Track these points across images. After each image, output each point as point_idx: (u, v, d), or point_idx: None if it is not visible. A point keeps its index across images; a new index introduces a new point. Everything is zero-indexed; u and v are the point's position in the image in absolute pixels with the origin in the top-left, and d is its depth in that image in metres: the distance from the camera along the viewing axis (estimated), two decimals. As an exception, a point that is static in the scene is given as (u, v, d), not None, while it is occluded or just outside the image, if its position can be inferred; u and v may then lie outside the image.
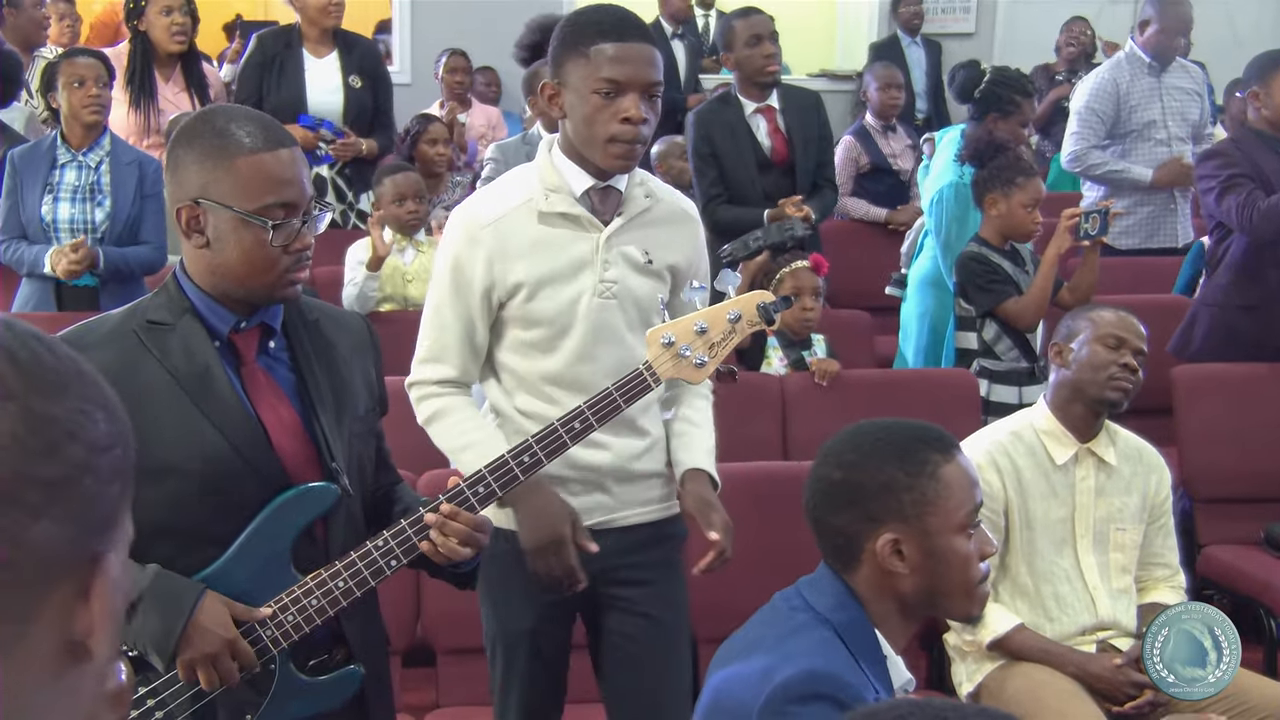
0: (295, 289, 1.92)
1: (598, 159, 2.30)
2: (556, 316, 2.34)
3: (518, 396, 2.39)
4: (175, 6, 4.89)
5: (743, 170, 4.53)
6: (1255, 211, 4.10)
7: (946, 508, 1.77)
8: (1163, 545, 3.07)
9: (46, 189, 4.22)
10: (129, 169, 4.28)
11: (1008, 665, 2.92)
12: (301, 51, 5.12)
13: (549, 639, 2.49)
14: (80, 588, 0.73)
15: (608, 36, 2.24)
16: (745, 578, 3.13)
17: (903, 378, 4.34)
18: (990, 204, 4.04)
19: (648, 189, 2.41)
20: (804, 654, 1.71)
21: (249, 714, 1.93)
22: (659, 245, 2.40)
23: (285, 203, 1.85)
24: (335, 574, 1.92)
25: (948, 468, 1.79)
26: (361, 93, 5.16)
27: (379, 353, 2.11)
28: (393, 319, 4.34)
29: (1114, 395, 2.97)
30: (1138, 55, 5.53)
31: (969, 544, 1.80)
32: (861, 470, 1.79)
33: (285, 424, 1.93)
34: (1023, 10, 8.23)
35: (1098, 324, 3.02)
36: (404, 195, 4.52)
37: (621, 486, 2.43)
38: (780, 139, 4.57)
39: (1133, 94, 5.49)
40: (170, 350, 1.88)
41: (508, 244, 2.32)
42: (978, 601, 1.85)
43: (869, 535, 1.78)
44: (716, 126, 4.56)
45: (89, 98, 4.20)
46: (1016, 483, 2.95)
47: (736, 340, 2.13)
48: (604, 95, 2.24)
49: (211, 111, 1.96)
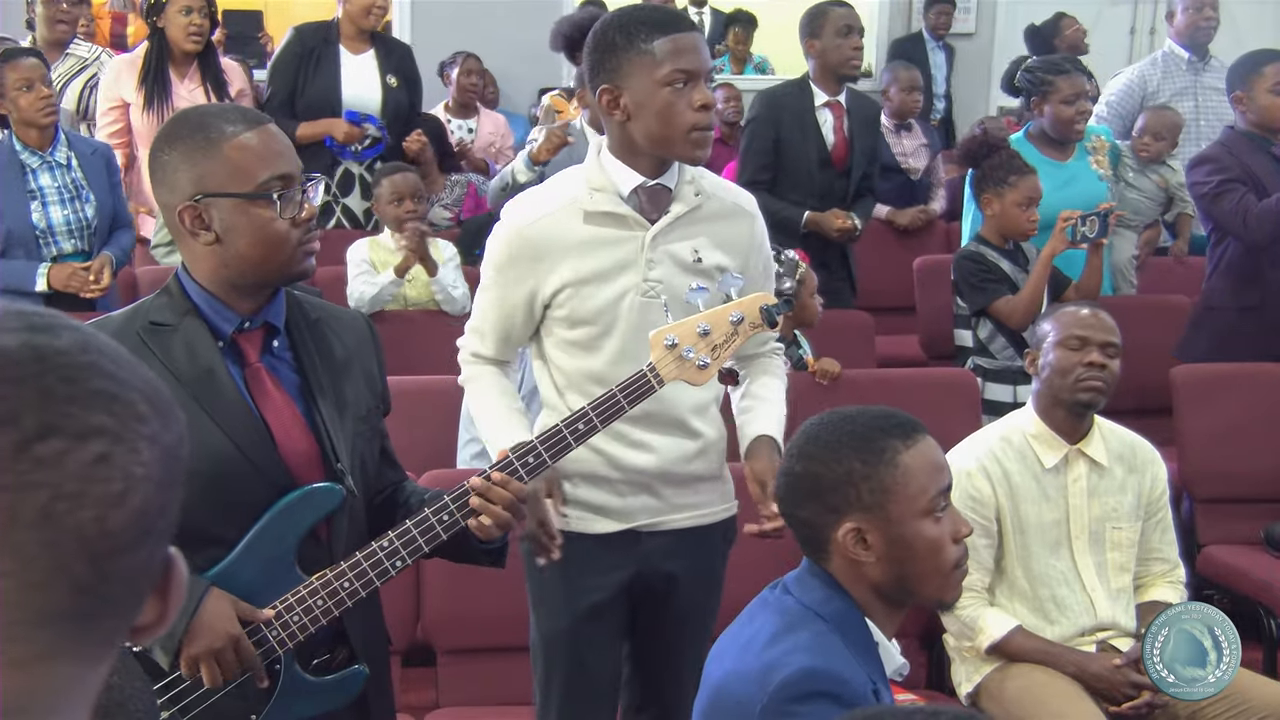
0: (311, 262, 1.92)
1: (679, 151, 2.31)
2: (599, 316, 2.34)
3: (568, 395, 2.40)
4: (195, 7, 4.88)
5: (804, 163, 4.51)
6: (1249, 216, 4.10)
7: (906, 494, 1.77)
8: (1161, 540, 3.07)
9: (30, 196, 4.11)
10: (95, 159, 4.26)
11: (1007, 665, 2.92)
12: (339, 47, 5.14)
13: (588, 645, 2.47)
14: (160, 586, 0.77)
15: (667, 30, 2.27)
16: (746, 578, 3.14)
17: (903, 378, 4.34)
18: (986, 203, 4.05)
19: (698, 186, 2.40)
20: (802, 651, 1.72)
21: (254, 715, 1.93)
22: (709, 244, 2.39)
23: (281, 175, 1.87)
24: (340, 574, 1.93)
25: (908, 454, 1.78)
26: (399, 92, 5.19)
27: (381, 351, 2.12)
28: (393, 319, 4.35)
29: (1085, 396, 2.95)
30: (1174, 52, 5.54)
31: (937, 528, 1.79)
32: (820, 462, 1.80)
33: (289, 424, 1.94)
34: (1023, 10, 8.22)
35: (1060, 327, 3.01)
36: (401, 195, 4.53)
37: (671, 489, 2.43)
38: (843, 140, 4.57)
39: (1162, 92, 5.47)
40: (173, 351, 1.88)
41: (551, 246, 2.33)
42: (953, 584, 1.84)
43: (832, 526, 1.78)
44: (787, 111, 4.52)
45: (41, 99, 4.10)
46: (1007, 488, 2.95)
47: (739, 342, 2.13)
48: (676, 87, 2.25)
49: (183, 112, 1.96)
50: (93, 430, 0.70)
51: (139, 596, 0.75)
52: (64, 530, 0.69)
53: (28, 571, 0.68)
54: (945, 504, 1.81)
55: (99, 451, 0.70)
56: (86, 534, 0.69)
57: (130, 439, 0.71)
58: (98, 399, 0.71)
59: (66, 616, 0.70)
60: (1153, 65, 5.59)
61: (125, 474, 0.71)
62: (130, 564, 0.72)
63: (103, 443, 0.70)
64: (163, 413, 0.75)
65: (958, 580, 1.84)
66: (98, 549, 0.70)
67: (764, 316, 2.14)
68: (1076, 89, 4.43)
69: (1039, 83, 4.48)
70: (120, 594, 0.73)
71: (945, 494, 1.81)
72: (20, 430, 0.68)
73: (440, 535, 1.97)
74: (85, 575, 0.70)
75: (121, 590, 0.72)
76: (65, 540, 0.69)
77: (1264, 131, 4.22)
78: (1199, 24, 5.48)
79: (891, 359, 5.02)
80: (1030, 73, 4.55)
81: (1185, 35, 5.51)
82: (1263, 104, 4.18)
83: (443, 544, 2.01)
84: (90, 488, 0.69)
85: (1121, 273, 5.04)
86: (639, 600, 2.49)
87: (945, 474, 1.82)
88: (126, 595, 0.73)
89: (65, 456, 0.69)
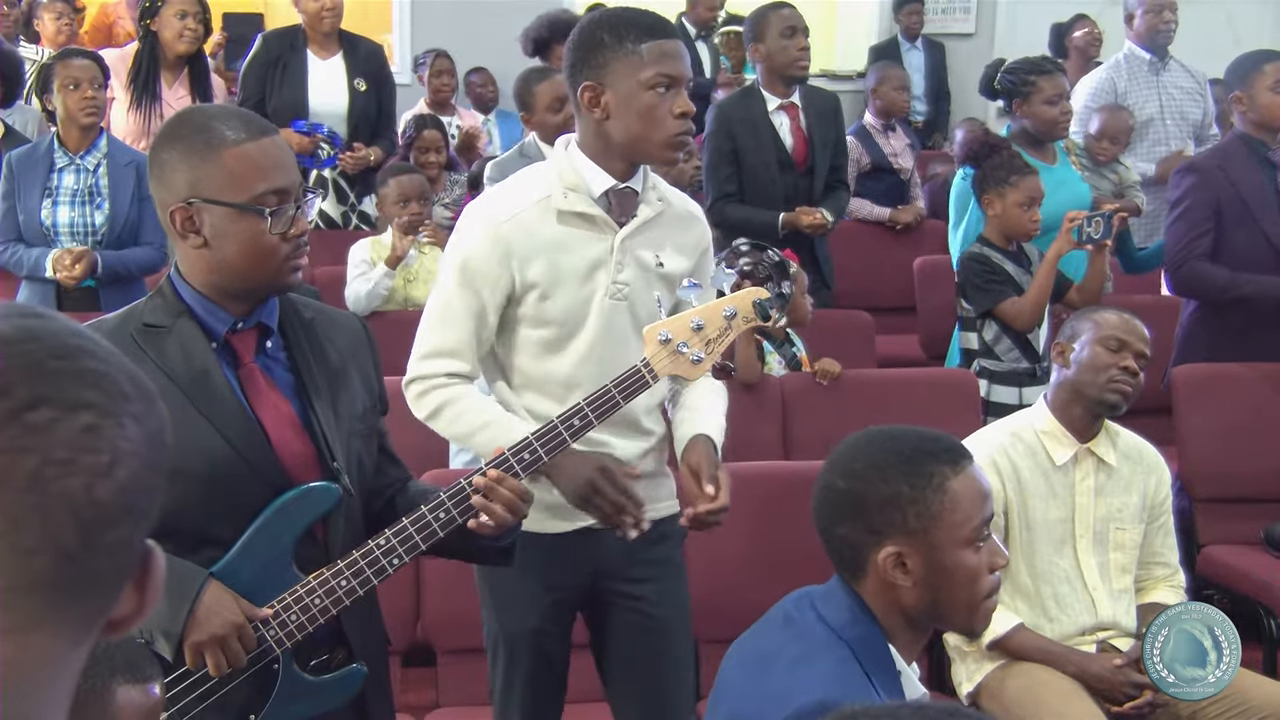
0: (297, 276, 1.92)
1: (653, 155, 2.32)
2: (568, 316, 2.34)
3: (525, 395, 2.39)
4: (191, 12, 4.89)
5: (763, 169, 4.49)
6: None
7: (952, 521, 1.74)
8: (1162, 545, 3.07)
9: (45, 193, 4.20)
10: (126, 170, 4.27)
11: (1007, 665, 2.92)
12: (306, 53, 5.13)
13: (551, 639, 2.49)
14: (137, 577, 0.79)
15: (655, 34, 2.28)
16: (746, 578, 3.14)
17: (903, 378, 4.34)
18: (988, 204, 4.05)
19: (659, 192, 2.42)
20: (820, 680, 1.69)
21: (252, 714, 1.93)
22: (670, 249, 2.40)
23: (277, 189, 1.85)
24: (338, 574, 1.93)
25: (955, 480, 1.75)
26: (366, 96, 5.17)
27: (376, 352, 2.11)
28: (393, 319, 4.35)
29: (1113, 398, 2.97)
30: (1135, 53, 5.56)
31: (976, 557, 1.77)
32: (866, 481, 1.76)
33: (284, 424, 1.93)
34: (1023, 10, 8.22)
35: (1100, 326, 3.02)
36: (408, 197, 4.54)
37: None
38: (801, 139, 4.55)
39: (1130, 93, 5.50)
40: (167, 353, 1.88)
41: (525, 241, 2.32)
42: (981, 617, 1.82)
43: (873, 547, 1.75)
44: (739, 122, 4.50)
45: (85, 100, 4.17)
46: (1016, 483, 2.95)
47: (732, 337, 2.15)
48: (659, 91, 2.26)
49: (189, 111, 1.97)
50: (82, 403, 0.73)
51: (120, 577, 0.77)
52: (53, 496, 0.71)
53: (17, 534, 0.71)
54: (987, 534, 1.79)
55: (88, 423, 0.73)
56: (75, 501, 0.72)
57: (117, 414, 0.74)
58: (87, 375, 0.74)
59: (51, 585, 0.72)
60: (1117, 68, 5.60)
61: (113, 447, 0.74)
62: (115, 538, 0.74)
63: (91, 415, 0.73)
64: (146, 398, 0.77)
65: (988, 611, 1.82)
66: (85, 518, 0.72)
67: (757, 311, 2.15)
68: (1059, 89, 4.42)
69: (1021, 84, 4.47)
70: (103, 569, 0.75)
71: (988, 523, 1.79)
72: (12, 399, 0.71)
73: (437, 533, 1.97)
74: (72, 543, 0.72)
75: (105, 565, 0.75)
76: (54, 506, 0.71)
77: (1263, 132, 4.18)
78: (1159, 27, 5.50)
79: (891, 359, 5.02)
80: (1011, 74, 4.53)
81: (1145, 38, 5.52)
82: (1263, 102, 4.15)
83: (451, 544, 2.01)
84: (79, 456, 0.72)
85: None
86: (606, 599, 2.48)
87: (989, 503, 1.80)
88: (109, 572, 0.76)
89: (55, 425, 0.72)
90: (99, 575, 0.75)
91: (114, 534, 0.74)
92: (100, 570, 0.75)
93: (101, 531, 0.73)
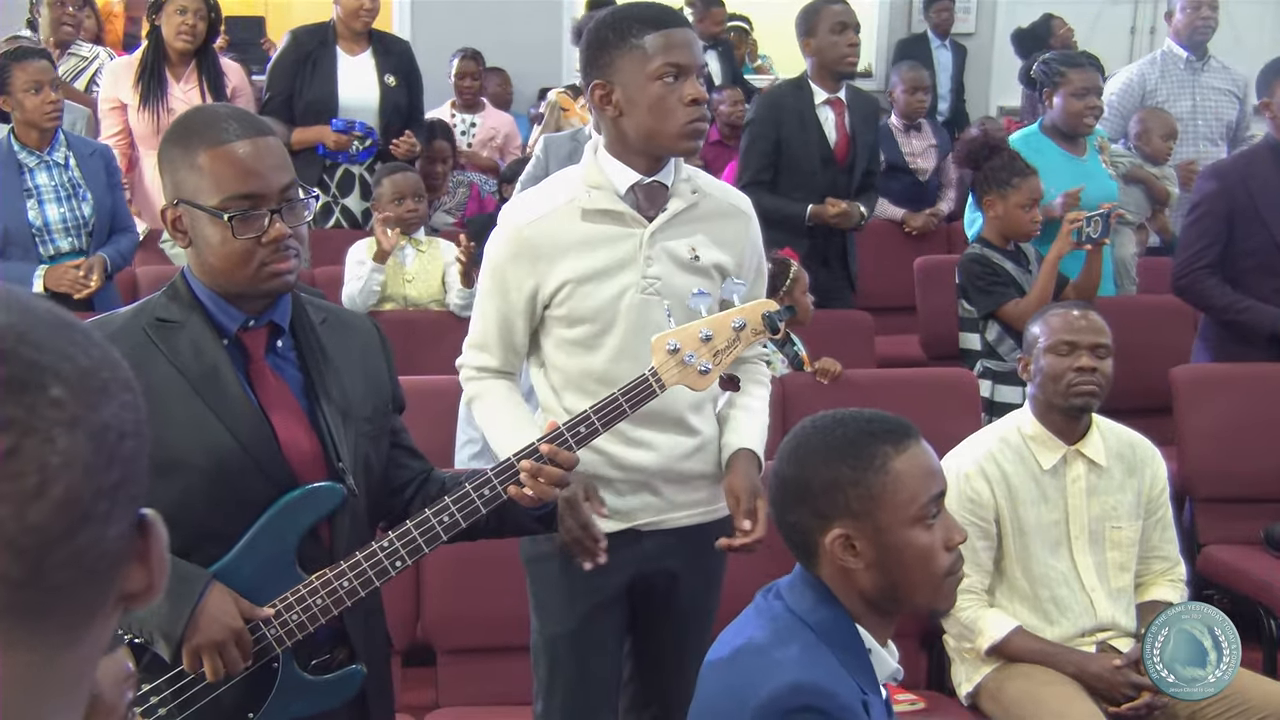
0: (282, 280, 1.88)
1: (669, 145, 2.31)
2: (598, 313, 2.35)
3: (565, 395, 2.40)
4: (191, 9, 4.89)
5: (806, 161, 4.51)
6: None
7: (896, 501, 1.74)
8: (1161, 538, 3.07)
9: (26, 194, 4.12)
10: (94, 160, 4.26)
11: (1007, 666, 2.92)
12: (336, 49, 5.14)
13: (592, 644, 2.48)
14: (139, 553, 0.75)
15: (657, 25, 2.28)
16: (746, 578, 3.14)
17: (903, 377, 4.34)
18: (988, 205, 4.05)
19: (694, 184, 2.41)
20: (789, 665, 1.70)
21: (251, 713, 1.93)
22: (706, 242, 2.39)
23: (246, 194, 1.83)
24: (340, 574, 1.93)
25: (898, 460, 1.75)
26: (396, 92, 5.18)
27: (390, 353, 2.12)
28: (393, 319, 4.34)
29: (1078, 401, 2.95)
30: (1172, 50, 5.57)
31: (929, 535, 1.76)
32: (810, 467, 1.77)
33: (292, 422, 1.94)
34: (1023, 10, 8.21)
35: (1049, 332, 3.01)
36: (403, 194, 4.54)
37: (670, 487, 2.43)
38: (845, 136, 4.56)
39: (1160, 90, 5.49)
40: (179, 348, 1.89)
41: (550, 245, 2.33)
42: (945, 593, 1.80)
43: (821, 532, 1.76)
44: (788, 111, 4.52)
45: (48, 104, 4.11)
46: (1006, 489, 2.94)
47: (741, 348, 2.13)
48: (666, 82, 2.26)
49: (193, 111, 1.96)
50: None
51: (96, 577, 0.72)
52: None
53: None
54: (937, 511, 1.78)
55: (6, 446, 0.66)
56: (6, 531, 0.66)
57: (43, 428, 0.68)
58: (3, 390, 0.67)
59: (9, 611, 0.68)
60: (1151, 65, 5.60)
61: (40, 465, 0.67)
62: (70, 550, 0.69)
63: (10, 436, 0.67)
64: (92, 389, 0.71)
65: (951, 588, 1.81)
66: (23, 544, 0.67)
67: (766, 323, 2.13)
68: (1088, 83, 4.45)
69: (1052, 73, 4.51)
70: (69, 581, 0.70)
71: (937, 501, 1.78)
72: None
73: (441, 536, 1.98)
74: (16, 571, 0.67)
75: (69, 577, 0.70)
76: None
77: None
78: (1196, 23, 5.49)
79: (891, 359, 5.02)
80: (1046, 64, 4.59)
81: (1184, 35, 5.52)
82: None
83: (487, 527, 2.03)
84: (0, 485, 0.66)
85: (1124, 269, 5.04)
86: (641, 599, 2.50)
87: (938, 480, 1.79)
88: (77, 581, 0.71)
89: None
90: (66, 585, 0.70)
91: (68, 547, 0.69)
92: (65, 581, 0.69)
93: (49, 552, 0.68)
